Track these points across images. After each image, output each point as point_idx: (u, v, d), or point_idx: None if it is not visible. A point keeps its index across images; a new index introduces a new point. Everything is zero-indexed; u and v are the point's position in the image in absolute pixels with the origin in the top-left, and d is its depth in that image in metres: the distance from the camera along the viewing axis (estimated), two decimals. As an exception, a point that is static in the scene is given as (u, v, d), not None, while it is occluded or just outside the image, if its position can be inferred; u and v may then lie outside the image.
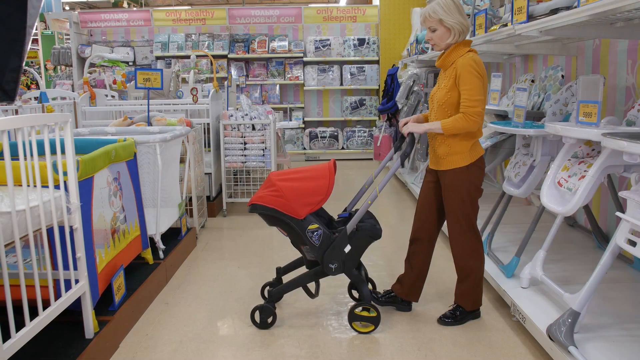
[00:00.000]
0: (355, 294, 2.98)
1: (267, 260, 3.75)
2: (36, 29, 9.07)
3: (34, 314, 1.93)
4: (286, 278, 2.85)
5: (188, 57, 8.24)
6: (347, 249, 2.58)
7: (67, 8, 12.48)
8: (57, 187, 2.12)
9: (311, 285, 2.80)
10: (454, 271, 2.73)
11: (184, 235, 3.80)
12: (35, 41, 9.46)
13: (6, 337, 1.77)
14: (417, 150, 5.65)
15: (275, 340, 2.58)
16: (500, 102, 3.76)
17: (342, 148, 8.46)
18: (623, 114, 3.22)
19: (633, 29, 2.53)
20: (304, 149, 8.49)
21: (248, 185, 5.15)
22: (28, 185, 1.89)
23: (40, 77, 8.65)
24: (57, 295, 2.10)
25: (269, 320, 2.68)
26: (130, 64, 8.24)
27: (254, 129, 4.88)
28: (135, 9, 11.59)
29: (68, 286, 2.16)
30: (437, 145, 2.61)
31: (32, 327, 1.90)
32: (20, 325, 1.83)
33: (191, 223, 4.18)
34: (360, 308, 2.62)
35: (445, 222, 2.68)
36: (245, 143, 4.88)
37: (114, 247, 2.71)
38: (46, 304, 2.02)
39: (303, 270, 2.80)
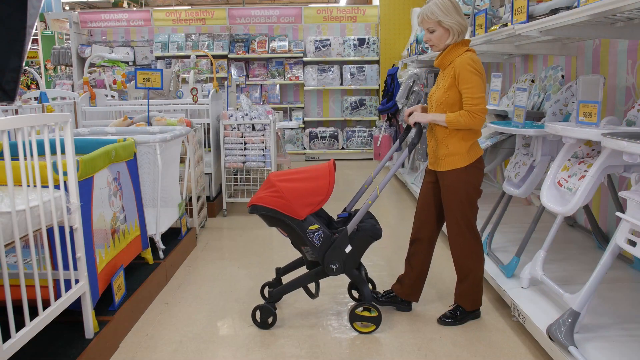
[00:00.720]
0: (355, 294, 2.98)
1: (267, 260, 3.75)
2: (36, 29, 9.07)
3: (34, 314, 1.93)
4: (286, 278, 2.85)
5: (188, 57, 8.24)
6: (348, 249, 2.58)
7: (67, 8, 12.48)
8: (57, 187, 2.12)
9: (311, 286, 2.79)
10: (454, 271, 2.73)
11: (184, 235, 3.80)
12: (35, 41, 9.46)
13: (6, 337, 1.77)
14: (417, 150, 5.65)
15: (275, 340, 2.58)
16: (500, 102, 3.76)
17: (342, 148, 8.45)
18: (623, 114, 3.22)
19: (633, 29, 2.53)
20: (304, 149, 8.49)
21: (248, 185, 5.15)
22: (28, 185, 1.89)
23: (40, 77, 8.65)
24: (57, 295, 2.10)
25: (270, 320, 2.68)
26: (130, 64, 8.24)
27: (254, 129, 4.88)
28: (135, 9, 11.59)
29: (68, 286, 2.16)
30: (436, 146, 2.60)
31: (32, 327, 1.90)
32: (20, 325, 1.83)
33: (191, 223, 4.18)
34: (361, 308, 2.62)
35: (445, 223, 2.68)
36: (245, 143, 4.88)
37: (114, 247, 2.71)
38: (46, 304, 2.02)
39: (303, 270, 2.80)
